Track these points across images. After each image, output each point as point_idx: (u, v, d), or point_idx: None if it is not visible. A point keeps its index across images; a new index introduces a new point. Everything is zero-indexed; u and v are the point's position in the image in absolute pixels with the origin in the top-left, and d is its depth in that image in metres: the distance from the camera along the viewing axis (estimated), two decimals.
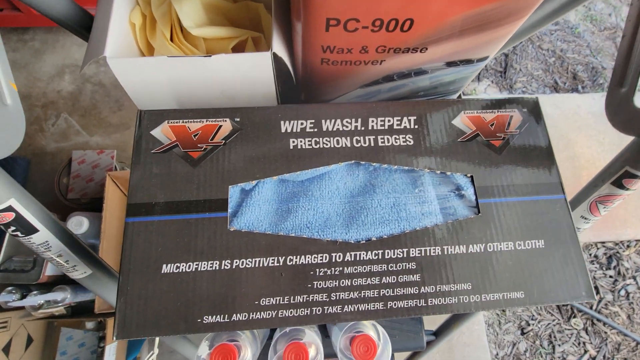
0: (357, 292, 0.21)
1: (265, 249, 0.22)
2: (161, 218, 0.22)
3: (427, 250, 0.22)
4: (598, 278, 1.21)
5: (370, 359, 0.38)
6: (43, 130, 1.18)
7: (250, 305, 0.21)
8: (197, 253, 0.21)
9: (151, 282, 0.21)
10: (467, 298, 0.22)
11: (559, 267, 0.23)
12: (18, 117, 0.21)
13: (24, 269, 0.79)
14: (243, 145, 0.24)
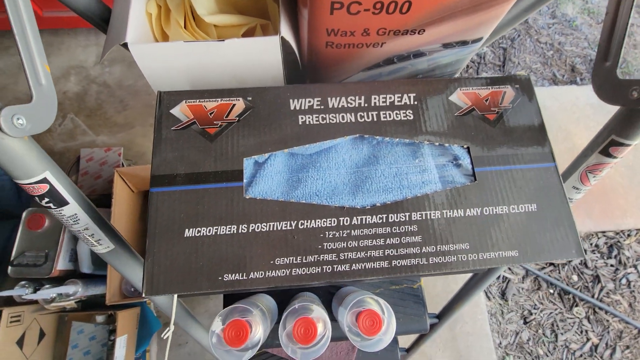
0: (363, 252, 0.23)
1: (279, 214, 0.24)
2: (182, 188, 0.24)
3: (428, 214, 0.24)
4: (599, 267, 1.22)
5: (377, 332, 0.39)
6: (50, 131, 1.20)
7: (265, 265, 0.23)
8: (217, 218, 0.23)
9: (175, 245, 0.23)
10: (465, 257, 0.23)
11: (551, 228, 0.24)
12: (51, 95, 0.23)
13: (37, 264, 0.82)
14: (255, 122, 0.26)
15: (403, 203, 0.24)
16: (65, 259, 0.88)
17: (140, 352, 1.01)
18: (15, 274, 0.83)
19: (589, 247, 1.24)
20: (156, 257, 0.22)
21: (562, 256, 0.24)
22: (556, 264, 1.21)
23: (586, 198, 1.26)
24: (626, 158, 1.32)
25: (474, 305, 1.13)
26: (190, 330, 0.51)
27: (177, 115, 0.25)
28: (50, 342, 1.00)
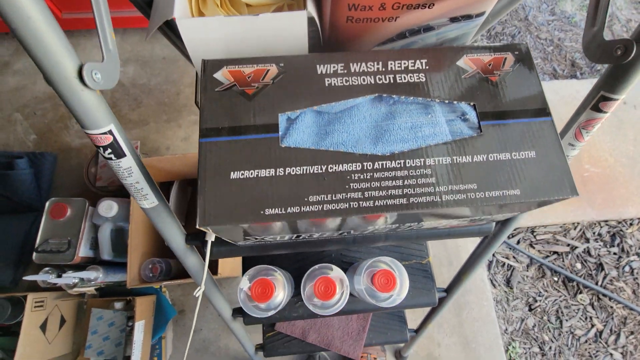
0: (385, 191, 0.27)
1: (310, 160, 0.27)
2: (227, 139, 0.28)
3: (440, 159, 0.28)
4: (602, 255, 1.24)
5: (392, 289, 0.43)
6: (68, 128, 1.25)
7: (300, 201, 0.26)
8: (257, 163, 0.27)
9: (223, 185, 0.26)
10: (473, 195, 0.27)
11: (548, 171, 0.28)
12: (116, 59, 0.27)
13: (60, 250, 0.86)
14: (287, 84, 0.29)
15: (418, 151, 0.28)
16: (87, 247, 0.92)
17: (157, 339, 1.04)
18: (39, 260, 0.87)
19: (592, 236, 1.27)
20: (207, 195, 0.26)
21: (558, 194, 0.27)
22: (560, 253, 1.24)
23: (589, 188, 1.29)
24: (627, 149, 1.35)
25: (479, 293, 1.15)
26: (213, 298, 0.55)
27: (219, 79, 0.29)
28: (71, 328, 1.03)
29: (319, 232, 0.33)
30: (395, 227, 0.35)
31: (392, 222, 0.32)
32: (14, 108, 1.27)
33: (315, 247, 0.43)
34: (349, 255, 0.65)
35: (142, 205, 0.35)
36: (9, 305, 0.84)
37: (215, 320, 1.09)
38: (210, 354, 1.06)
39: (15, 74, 1.32)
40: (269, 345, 0.85)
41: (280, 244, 0.42)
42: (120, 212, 0.93)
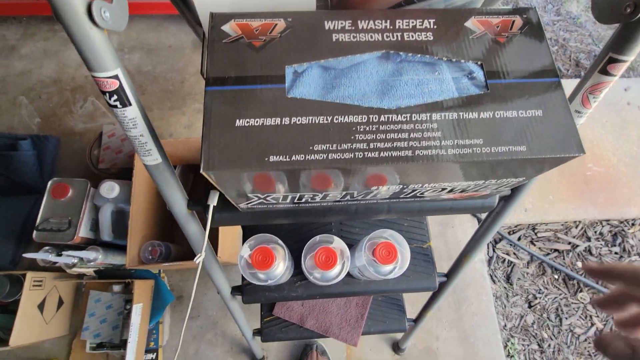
0: (390, 143, 0.27)
1: (316, 111, 0.27)
2: (232, 87, 0.28)
3: (446, 115, 0.28)
4: (604, 255, 1.23)
5: (393, 261, 0.43)
6: (72, 112, 1.25)
7: (305, 150, 0.26)
8: (263, 112, 0.27)
9: (228, 132, 0.26)
10: (479, 149, 0.27)
11: (554, 130, 0.28)
12: (125, 4, 0.27)
13: (60, 229, 0.86)
14: (294, 38, 0.29)
15: (424, 106, 0.28)
16: (87, 227, 0.92)
17: (154, 324, 1.04)
18: (39, 239, 0.87)
19: (594, 235, 1.26)
20: (212, 141, 0.26)
21: (565, 152, 0.27)
22: (561, 251, 1.23)
23: (591, 187, 1.29)
24: (630, 149, 1.34)
25: (479, 288, 1.15)
26: (213, 272, 0.54)
27: (227, 31, 0.29)
28: (68, 310, 1.03)
29: (322, 190, 0.32)
30: (398, 192, 0.35)
31: (397, 183, 0.32)
32: (20, 91, 1.27)
33: (317, 217, 0.43)
34: (350, 237, 0.65)
35: (145, 162, 0.34)
36: (7, 282, 0.84)
37: (213, 308, 1.09)
38: (206, 341, 1.06)
39: (21, 58, 1.32)
40: (266, 329, 0.85)
41: (282, 212, 0.42)
42: (122, 193, 0.93)
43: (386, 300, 0.88)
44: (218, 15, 0.30)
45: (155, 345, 1.03)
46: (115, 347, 0.98)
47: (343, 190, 0.33)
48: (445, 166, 0.28)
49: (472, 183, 0.33)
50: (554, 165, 0.30)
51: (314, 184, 0.30)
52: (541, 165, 0.29)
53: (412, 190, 0.35)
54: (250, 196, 0.33)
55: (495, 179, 0.33)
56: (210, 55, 0.29)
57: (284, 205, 0.38)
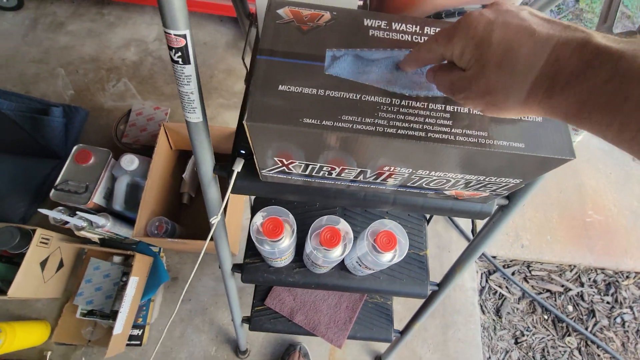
0: (407, 124, 0.31)
1: (348, 88, 0.32)
2: (280, 59, 0.32)
3: (458, 108, 0.32)
4: (595, 302, 1.24)
5: (392, 249, 0.46)
6: (104, 90, 1.33)
7: (335, 118, 0.30)
8: (302, 82, 0.31)
9: (271, 93, 0.31)
10: (483, 140, 0.31)
11: (551, 134, 0.32)
12: None
13: (77, 192, 0.90)
14: (337, 29, 0.34)
15: (440, 98, 0.32)
16: (101, 195, 0.96)
17: (146, 300, 1.06)
18: (55, 198, 0.91)
19: (587, 282, 1.27)
20: (256, 98, 0.30)
21: (558, 154, 0.31)
22: (553, 292, 1.24)
23: (589, 233, 1.31)
24: (631, 203, 1.37)
25: (468, 315, 1.15)
26: (220, 243, 0.58)
27: (281, 14, 0.34)
28: (66, 274, 1.06)
29: (339, 163, 0.36)
30: (406, 178, 0.39)
31: (407, 167, 0.36)
32: (59, 64, 1.35)
33: (327, 198, 0.47)
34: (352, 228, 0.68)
35: (188, 119, 0.39)
36: (18, 233, 0.88)
37: (206, 294, 1.11)
38: (193, 326, 1.07)
39: (67, 34, 1.41)
40: (255, 318, 0.86)
41: (296, 187, 0.46)
42: (140, 168, 0.98)
43: (376, 308, 0.90)
44: (275, 1, 0.35)
45: (143, 322, 1.04)
46: (105, 317, 1.00)
47: (358, 167, 0.37)
48: (452, 152, 0.32)
49: (474, 178, 0.37)
50: (548, 167, 0.34)
51: (334, 154, 0.35)
52: (536, 164, 0.33)
53: (420, 179, 0.39)
54: (275, 160, 0.37)
55: (494, 177, 0.37)
56: (264, 31, 0.34)
57: (301, 178, 0.42)
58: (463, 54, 0.25)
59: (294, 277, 0.66)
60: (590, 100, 0.20)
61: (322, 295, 0.89)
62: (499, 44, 0.23)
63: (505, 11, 0.24)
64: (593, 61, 0.20)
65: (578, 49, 0.21)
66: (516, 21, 0.23)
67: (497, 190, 0.41)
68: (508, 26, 0.23)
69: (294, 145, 0.34)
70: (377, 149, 0.33)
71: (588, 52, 0.20)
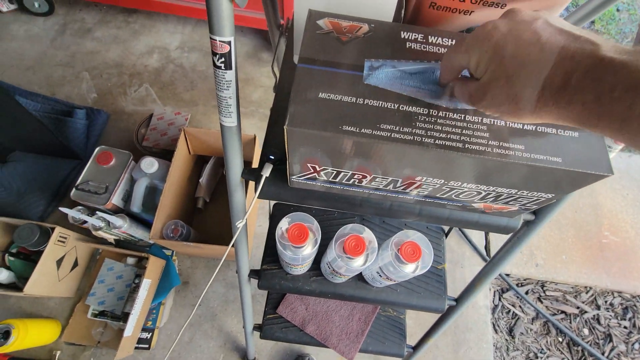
0: (445, 134, 0.31)
1: (386, 98, 0.32)
2: (320, 68, 0.33)
3: (495, 121, 0.32)
4: (612, 326, 1.20)
5: (417, 259, 0.46)
6: (126, 94, 1.36)
7: (373, 126, 0.31)
8: (341, 90, 0.32)
9: (311, 100, 0.32)
10: (520, 153, 0.31)
11: (588, 150, 0.32)
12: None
13: (97, 192, 0.92)
14: (374, 40, 0.35)
15: (478, 110, 0.33)
16: (120, 196, 0.97)
17: (156, 304, 1.06)
18: (76, 197, 0.93)
19: (604, 304, 1.24)
20: (297, 104, 0.31)
21: (596, 169, 0.31)
22: (568, 314, 1.21)
23: (606, 255, 1.28)
24: None
25: (480, 334, 1.13)
26: (240, 248, 0.58)
27: (321, 25, 0.36)
28: (80, 273, 1.07)
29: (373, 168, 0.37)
30: (437, 188, 0.39)
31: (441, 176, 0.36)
32: (85, 67, 1.40)
33: (352, 206, 0.47)
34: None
35: (223, 122, 0.40)
36: (38, 230, 0.89)
37: (216, 299, 1.10)
38: (202, 331, 1.06)
39: (94, 39, 1.46)
40: (267, 326, 0.86)
41: (322, 195, 0.46)
42: (159, 171, 1.00)
43: (388, 321, 0.88)
44: (315, 12, 0.36)
45: (153, 325, 1.04)
46: (115, 318, 1.00)
47: (389, 176, 0.38)
48: (488, 164, 0.32)
49: (506, 191, 0.37)
50: (583, 184, 0.33)
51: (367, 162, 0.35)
52: (572, 180, 0.33)
53: (450, 190, 0.39)
54: (308, 167, 0.38)
55: (527, 191, 0.36)
56: (304, 40, 0.35)
57: (330, 184, 0.42)
58: (478, 65, 0.26)
59: (311, 285, 0.66)
60: (597, 109, 0.21)
61: (334, 305, 0.88)
62: (510, 56, 0.24)
63: (519, 22, 0.25)
64: (596, 72, 0.21)
65: (583, 60, 0.21)
66: (527, 34, 0.24)
67: (527, 204, 0.41)
68: (519, 38, 0.24)
69: (330, 152, 0.34)
70: (413, 158, 0.33)
71: (592, 63, 0.21)
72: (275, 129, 0.48)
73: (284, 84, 0.53)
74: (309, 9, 0.37)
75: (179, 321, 1.07)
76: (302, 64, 0.33)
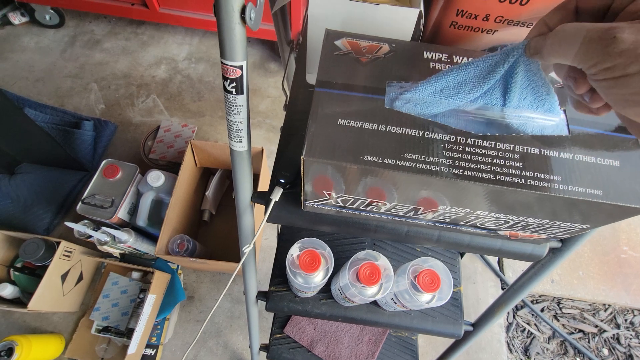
0: (474, 164, 0.29)
1: (410, 124, 0.30)
2: (338, 92, 0.31)
3: (528, 149, 0.30)
4: (633, 347, 1.15)
5: (435, 290, 0.43)
6: (133, 105, 1.36)
7: (397, 155, 0.29)
8: (362, 117, 0.30)
9: (330, 128, 0.29)
10: (557, 185, 0.29)
11: (630, 181, 0.29)
12: (262, 9, 0.32)
13: (103, 206, 0.90)
14: (396, 61, 0.33)
15: (509, 137, 0.30)
16: (126, 210, 0.96)
17: (161, 319, 1.04)
18: (82, 211, 0.92)
19: (623, 323, 1.19)
20: (315, 132, 0.29)
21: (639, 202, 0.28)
22: (586, 332, 1.16)
23: (625, 271, 1.23)
24: None
25: (495, 354, 1.09)
26: (248, 270, 0.56)
27: (339, 46, 0.34)
28: (84, 287, 1.05)
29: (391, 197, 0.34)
30: (461, 217, 0.36)
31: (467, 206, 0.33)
32: (93, 79, 1.40)
33: (366, 231, 0.45)
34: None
35: (233, 147, 0.38)
36: (43, 245, 0.88)
37: (220, 315, 1.08)
38: (207, 348, 1.04)
39: (102, 51, 1.47)
40: (274, 347, 0.83)
41: (335, 219, 0.44)
42: (165, 185, 0.98)
43: (400, 342, 0.85)
44: (332, 32, 0.34)
45: (157, 342, 1.02)
46: (119, 334, 0.98)
47: (411, 204, 0.35)
48: (522, 195, 0.29)
49: (536, 221, 0.35)
50: (623, 216, 0.31)
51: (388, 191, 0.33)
52: (612, 212, 0.30)
53: (475, 218, 0.36)
54: (324, 193, 0.36)
55: (561, 221, 0.34)
56: (322, 63, 0.33)
57: (345, 210, 0.40)
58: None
59: (321, 308, 0.63)
60: None
61: (343, 326, 0.85)
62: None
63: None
64: None
65: None
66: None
67: (557, 233, 0.38)
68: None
69: (349, 181, 0.32)
70: (439, 189, 0.31)
71: None
72: (286, 152, 0.46)
73: (295, 102, 0.51)
74: (326, 29, 0.35)
75: (183, 337, 1.05)
76: (320, 88, 0.31)
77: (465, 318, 0.64)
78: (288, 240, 0.70)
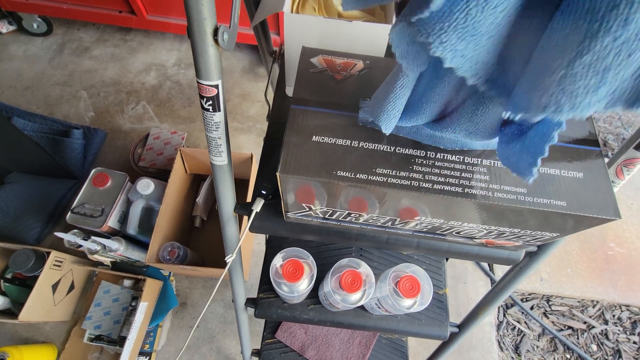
0: (443, 178, 0.30)
1: (382, 140, 0.31)
2: (313, 109, 0.32)
3: (495, 162, 0.31)
4: (621, 342, 1.18)
5: (415, 295, 0.44)
6: (123, 112, 1.36)
7: (369, 170, 0.30)
8: (335, 133, 0.31)
9: (305, 144, 0.30)
10: (522, 197, 0.30)
11: (594, 193, 0.31)
12: (236, 30, 0.33)
13: (93, 215, 0.90)
14: (370, 77, 0.34)
15: (476, 152, 0.31)
16: (116, 218, 0.96)
17: (153, 326, 1.04)
18: (71, 221, 0.92)
19: (611, 319, 1.21)
20: (290, 150, 0.30)
21: (602, 213, 0.30)
22: (575, 329, 1.18)
23: (612, 267, 1.26)
24: None
25: (485, 352, 1.10)
26: (235, 278, 0.57)
27: (314, 63, 0.35)
28: (76, 296, 1.05)
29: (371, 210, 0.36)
30: (437, 226, 0.37)
31: (441, 217, 0.34)
32: (82, 86, 1.39)
33: (348, 240, 0.46)
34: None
35: (214, 162, 0.39)
36: (33, 256, 0.88)
37: (213, 321, 1.08)
38: (200, 354, 1.04)
39: (91, 58, 1.46)
40: (265, 352, 0.83)
41: (317, 229, 0.45)
42: (155, 192, 0.98)
43: (390, 344, 0.86)
44: (308, 49, 0.35)
45: (150, 349, 1.02)
46: (111, 342, 0.98)
47: (387, 216, 0.36)
48: (490, 207, 0.31)
49: (509, 230, 0.36)
50: (589, 225, 0.32)
51: (364, 204, 0.34)
52: (577, 222, 0.32)
53: (450, 228, 0.37)
54: (303, 206, 0.37)
55: (531, 230, 0.35)
56: (298, 80, 0.34)
57: (327, 220, 0.41)
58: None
59: (309, 314, 0.64)
60: None
61: (334, 329, 0.86)
62: None
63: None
64: None
65: None
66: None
67: (530, 241, 0.39)
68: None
69: (325, 195, 0.33)
70: (411, 202, 0.32)
71: None
72: (267, 164, 0.46)
73: (278, 112, 0.52)
74: (302, 46, 0.36)
75: (176, 344, 1.05)
76: (296, 105, 0.32)
77: (457, 317, 0.65)
78: (276, 247, 0.70)
